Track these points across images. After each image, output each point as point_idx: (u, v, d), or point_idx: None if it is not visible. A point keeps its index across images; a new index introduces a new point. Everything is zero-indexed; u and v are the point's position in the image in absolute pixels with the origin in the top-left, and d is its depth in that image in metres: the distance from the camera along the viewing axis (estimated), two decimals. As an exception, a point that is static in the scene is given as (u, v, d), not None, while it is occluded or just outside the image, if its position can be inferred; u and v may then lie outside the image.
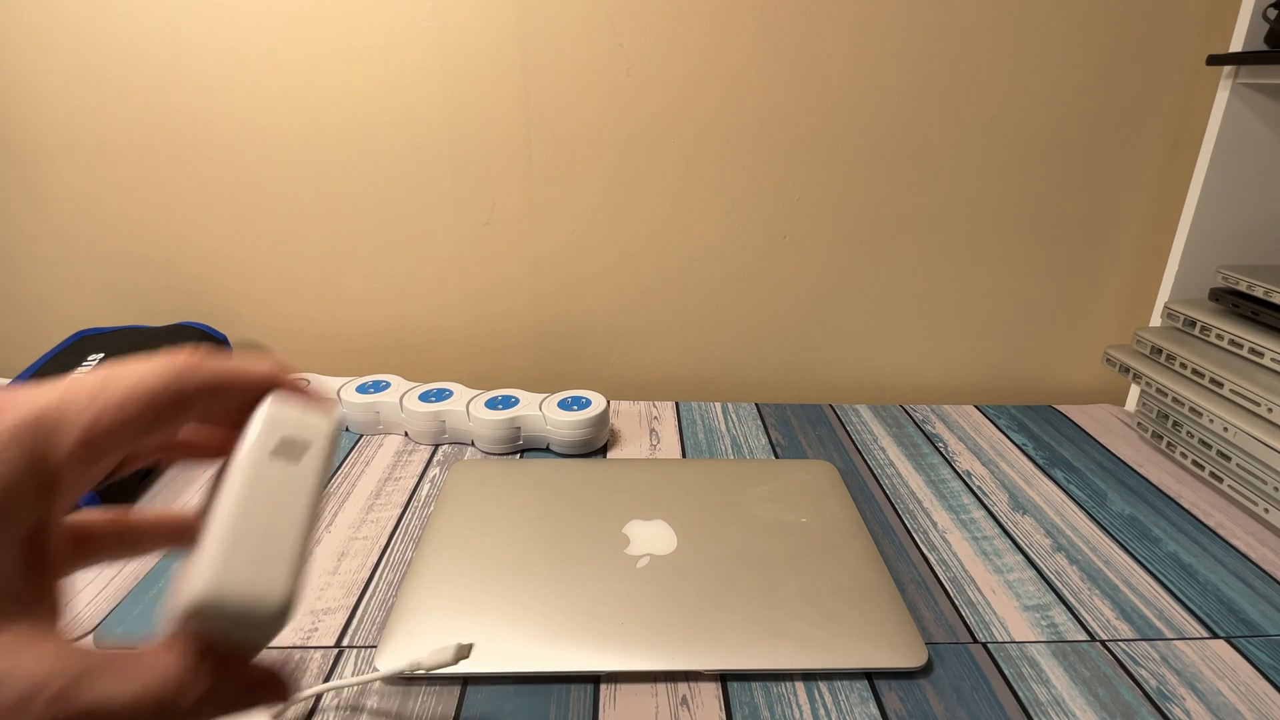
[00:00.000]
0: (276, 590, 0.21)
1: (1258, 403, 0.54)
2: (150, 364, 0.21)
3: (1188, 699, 0.40)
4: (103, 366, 0.21)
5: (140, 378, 0.21)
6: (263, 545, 0.21)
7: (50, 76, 0.66)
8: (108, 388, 0.20)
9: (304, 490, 0.23)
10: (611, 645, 0.41)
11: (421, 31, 0.65)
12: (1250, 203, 0.65)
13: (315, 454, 0.23)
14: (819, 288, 0.75)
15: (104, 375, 0.20)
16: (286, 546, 0.21)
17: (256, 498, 0.22)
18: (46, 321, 0.74)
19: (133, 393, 0.20)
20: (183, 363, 0.21)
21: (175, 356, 0.22)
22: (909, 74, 0.68)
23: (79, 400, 0.19)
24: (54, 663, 0.17)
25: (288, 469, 0.23)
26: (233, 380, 0.23)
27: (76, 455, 0.19)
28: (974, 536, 0.53)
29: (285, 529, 0.22)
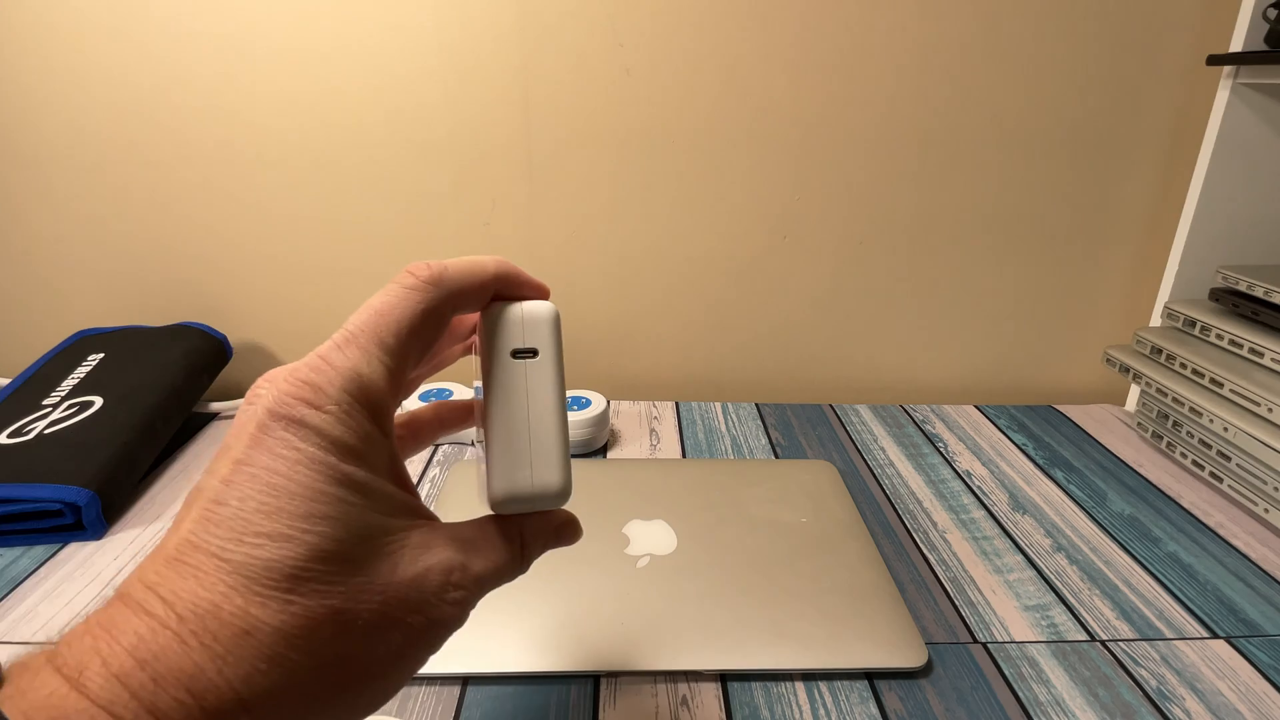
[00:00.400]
0: (553, 477, 0.25)
1: (1258, 403, 0.54)
2: (401, 290, 0.24)
3: (1188, 699, 0.40)
4: (362, 309, 0.23)
5: (404, 303, 0.23)
6: (531, 440, 0.25)
7: (51, 77, 0.66)
8: (381, 321, 0.23)
9: (549, 380, 0.26)
10: (611, 645, 0.41)
11: (421, 31, 0.65)
12: (1250, 203, 0.65)
13: (547, 344, 0.26)
14: (819, 288, 0.75)
15: (373, 314, 0.23)
16: (551, 435, 0.25)
17: (513, 400, 0.25)
18: (46, 321, 0.74)
19: (403, 321, 0.23)
20: (428, 278, 0.24)
21: (418, 276, 0.24)
22: (908, 74, 0.68)
23: (369, 343, 0.23)
24: (451, 551, 0.23)
25: (530, 365, 0.26)
26: (474, 282, 0.25)
27: (390, 395, 0.23)
28: (974, 536, 0.53)
29: (545, 419, 0.25)
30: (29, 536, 0.50)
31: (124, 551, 0.49)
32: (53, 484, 0.50)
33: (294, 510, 0.20)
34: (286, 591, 0.19)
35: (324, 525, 0.20)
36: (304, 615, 0.19)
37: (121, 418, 0.57)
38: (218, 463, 0.21)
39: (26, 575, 0.47)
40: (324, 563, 0.20)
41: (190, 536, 0.19)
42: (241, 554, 0.19)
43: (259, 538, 0.19)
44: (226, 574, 0.19)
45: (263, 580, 0.19)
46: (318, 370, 0.21)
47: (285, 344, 0.76)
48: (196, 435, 0.65)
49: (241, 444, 0.21)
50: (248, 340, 0.76)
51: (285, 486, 0.20)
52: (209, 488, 0.20)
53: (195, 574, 0.19)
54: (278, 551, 0.19)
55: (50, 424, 0.56)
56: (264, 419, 0.21)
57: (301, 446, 0.20)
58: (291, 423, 0.21)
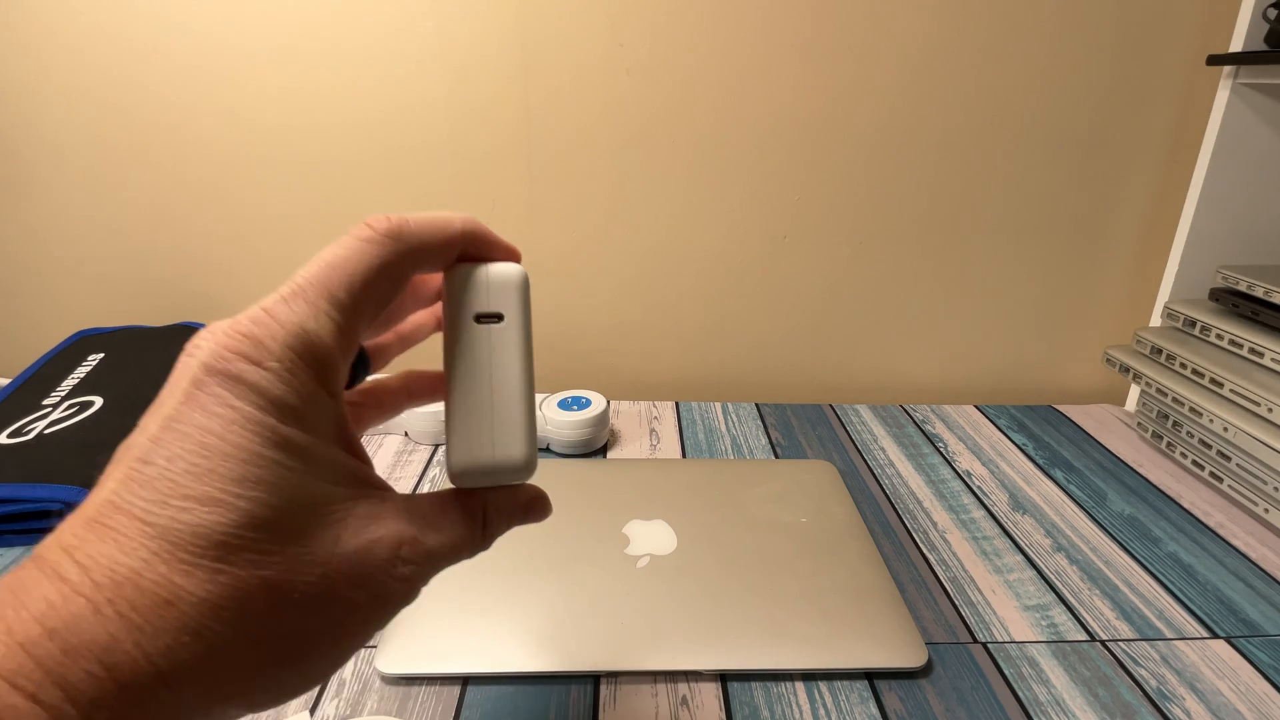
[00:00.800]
0: (516, 450, 0.24)
1: (1258, 403, 0.54)
2: (356, 243, 0.22)
3: (1188, 699, 0.40)
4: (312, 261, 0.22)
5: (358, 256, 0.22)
6: (494, 410, 0.24)
7: (51, 77, 0.66)
8: (332, 274, 0.21)
9: (515, 347, 0.24)
10: (611, 645, 0.41)
11: (421, 31, 0.65)
12: (1250, 203, 0.65)
13: (514, 309, 0.25)
14: (819, 288, 0.75)
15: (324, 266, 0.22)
16: (515, 405, 0.24)
17: (476, 366, 0.24)
18: (46, 321, 0.74)
19: (357, 275, 0.22)
20: (386, 230, 0.22)
21: (375, 229, 0.22)
22: (908, 74, 0.68)
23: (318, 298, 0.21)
24: (402, 523, 0.22)
25: (494, 330, 0.24)
26: (437, 238, 0.24)
27: (339, 353, 0.21)
28: (974, 536, 0.53)
29: (509, 388, 0.24)
30: (29, 536, 0.50)
31: (124, 551, 0.49)
32: (53, 484, 0.50)
33: (226, 473, 0.18)
34: (215, 560, 0.18)
35: (259, 490, 0.19)
36: (233, 586, 0.18)
37: (121, 418, 0.57)
38: (148, 419, 0.20)
39: (26, 575, 0.47)
40: (257, 530, 0.18)
41: (112, 497, 0.18)
42: (166, 517, 0.18)
43: (186, 500, 0.18)
44: (149, 538, 0.17)
45: (189, 547, 0.18)
46: (259, 323, 0.20)
47: (285, 344, 0.76)
48: (196, 435, 0.64)
49: (174, 400, 0.19)
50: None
51: (218, 447, 0.18)
52: (136, 445, 0.19)
53: (115, 537, 0.18)
54: (206, 517, 0.18)
55: (50, 424, 0.56)
56: (198, 374, 0.19)
57: (237, 405, 0.19)
58: (228, 379, 0.19)
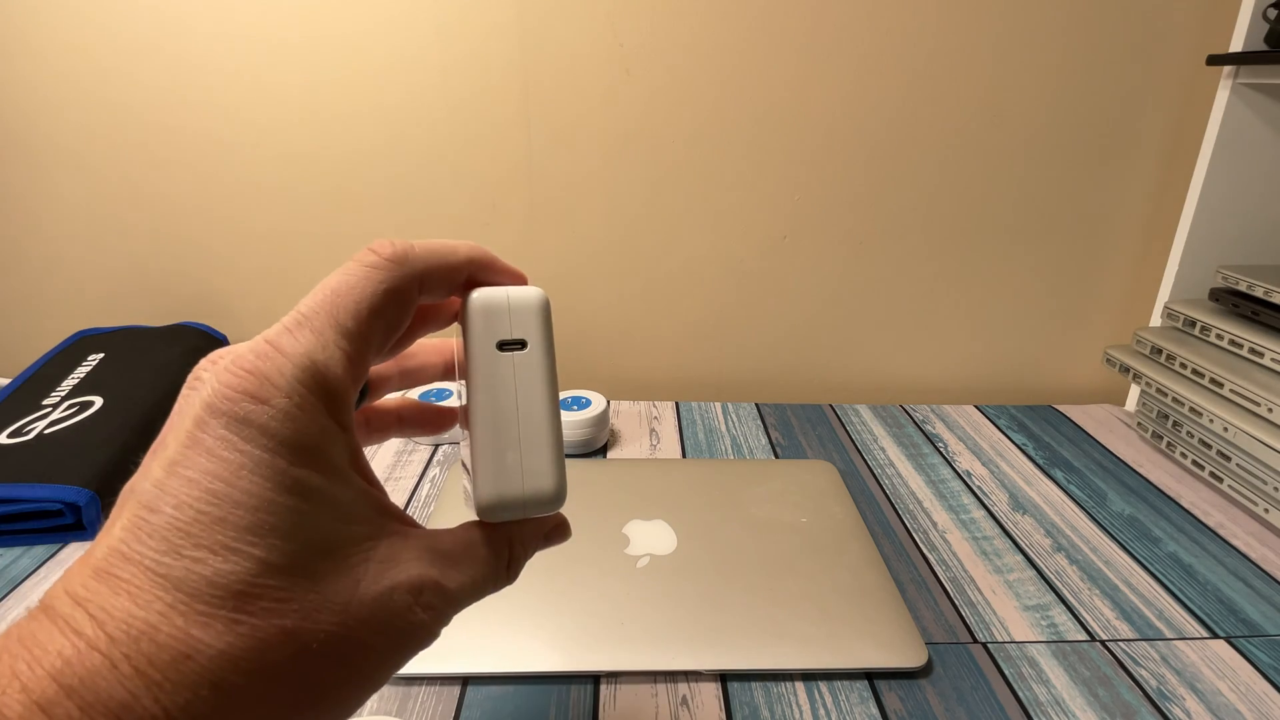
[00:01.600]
0: (546, 482, 0.23)
1: (1258, 403, 0.54)
2: (361, 269, 0.21)
3: (1188, 699, 0.40)
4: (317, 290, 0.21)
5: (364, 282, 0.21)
6: (521, 441, 0.23)
7: (51, 77, 0.66)
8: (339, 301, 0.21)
9: (539, 375, 0.24)
10: (611, 645, 0.41)
11: (420, 32, 0.65)
12: (1250, 203, 0.65)
13: (536, 335, 0.24)
14: (819, 288, 0.75)
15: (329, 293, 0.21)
16: (543, 435, 0.23)
17: (500, 396, 0.23)
18: (46, 321, 0.74)
19: (363, 302, 0.21)
20: (391, 255, 0.22)
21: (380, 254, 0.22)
22: (908, 75, 0.68)
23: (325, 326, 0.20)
24: (423, 565, 0.21)
25: (517, 358, 0.23)
26: (442, 263, 0.23)
27: (349, 383, 0.21)
28: (974, 536, 0.53)
29: (536, 417, 0.23)
30: (29, 536, 0.50)
31: (124, 551, 0.49)
32: (53, 484, 0.50)
33: (238, 521, 0.18)
34: (233, 610, 0.17)
35: (273, 537, 0.18)
36: (252, 636, 0.17)
37: (121, 418, 0.57)
38: (151, 461, 0.19)
39: (26, 575, 0.47)
40: (274, 578, 0.18)
41: (120, 546, 0.17)
42: (180, 569, 0.17)
43: (199, 550, 0.17)
44: (164, 590, 0.17)
45: (205, 598, 0.17)
46: (264, 357, 0.19)
47: (285, 344, 0.76)
48: (196, 435, 0.64)
49: (177, 442, 0.18)
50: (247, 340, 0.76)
51: (228, 494, 0.18)
52: (141, 491, 0.18)
53: (128, 589, 0.17)
54: (221, 566, 0.17)
55: (50, 424, 0.56)
56: (201, 414, 0.18)
57: (245, 448, 0.18)
58: (233, 420, 0.18)
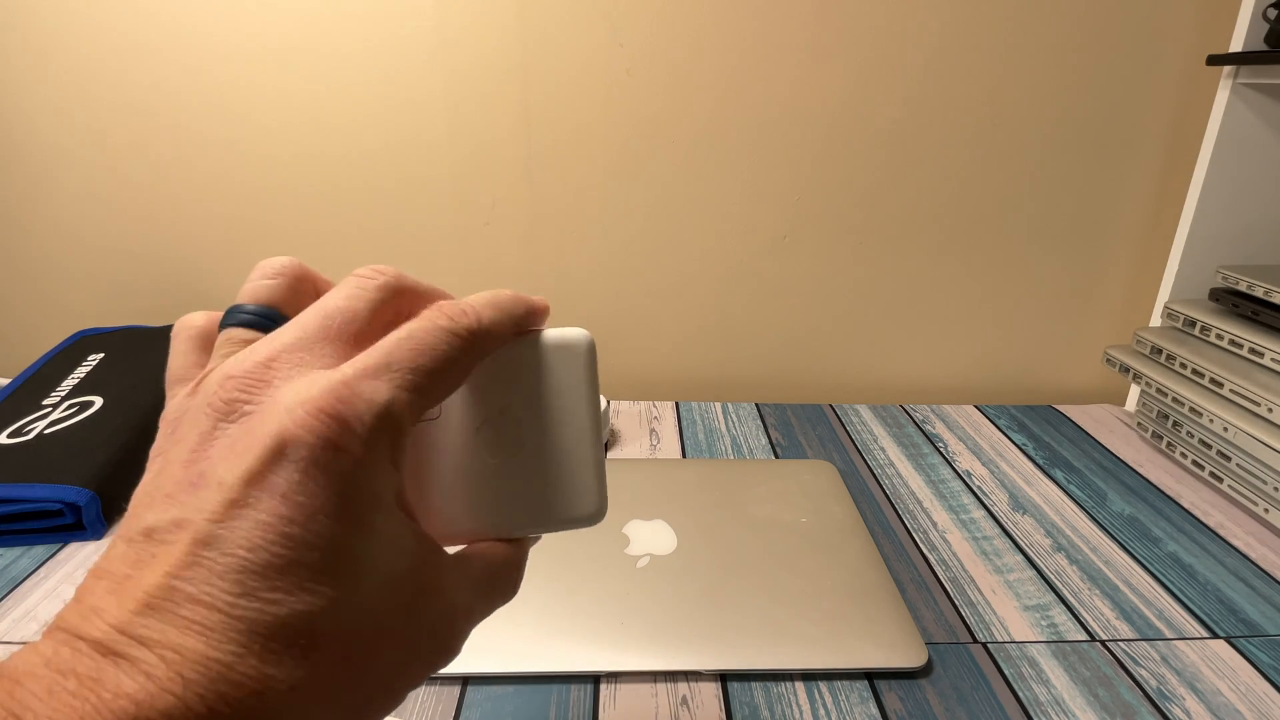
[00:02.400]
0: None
1: (1258, 403, 0.54)
2: (447, 336, 0.22)
3: (1188, 699, 0.40)
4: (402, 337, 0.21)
5: (447, 349, 0.21)
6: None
7: (51, 76, 0.66)
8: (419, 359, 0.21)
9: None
10: (611, 645, 0.41)
11: (421, 31, 0.65)
12: (1250, 203, 0.65)
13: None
14: (819, 288, 0.75)
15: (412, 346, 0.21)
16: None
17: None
18: (46, 321, 0.74)
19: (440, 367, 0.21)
20: (471, 330, 0.22)
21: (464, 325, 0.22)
22: (907, 75, 0.68)
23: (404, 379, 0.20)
24: (463, 593, 0.23)
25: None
26: (505, 337, 0.24)
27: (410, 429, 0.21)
28: (974, 536, 0.53)
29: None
30: (29, 536, 0.50)
31: (124, 551, 0.49)
32: (53, 484, 0.50)
33: (312, 564, 0.18)
34: (305, 648, 0.17)
35: (344, 579, 0.18)
36: (321, 669, 0.18)
37: (121, 418, 0.57)
38: (200, 496, 0.18)
39: (26, 575, 0.47)
40: (343, 617, 0.18)
41: (182, 586, 0.17)
42: (254, 610, 0.17)
43: (274, 592, 0.17)
44: (237, 631, 0.17)
45: (279, 637, 0.17)
46: (346, 402, 0.19)
47: (285, 344, 0.76)
48: (196, 435, 0.64)
49: (235, 477, 0.18)
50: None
51: (302, 538, 0.18)
52: (197, 528, 0.17)
53: (200, 631, 0.17)
54: (295, 608, 0.17)
55: (50, 424, 0.56)
56: (269, 454, 0.18)
57: (321, 493, 0.18)
58: (311, 465, 0.18)
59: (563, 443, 0.25)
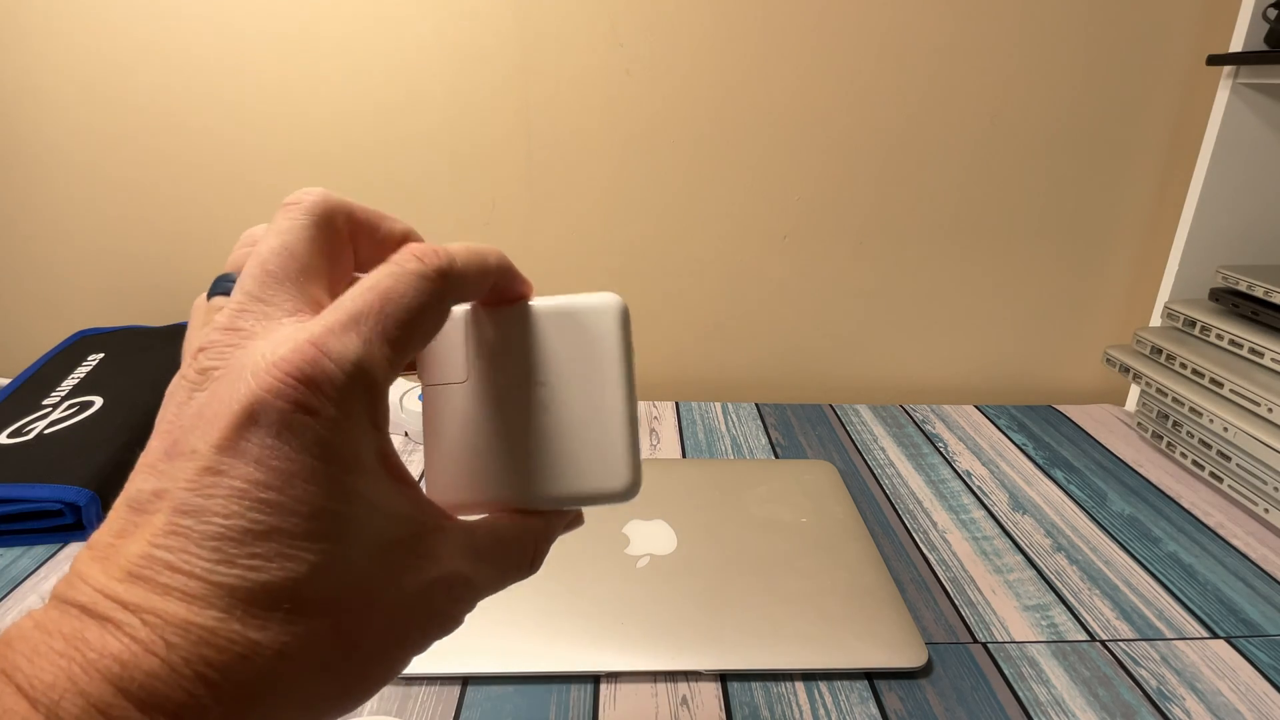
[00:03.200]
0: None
1: (1258, 403, 0.54)
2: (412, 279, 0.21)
3: (1188, 699, 0.40)
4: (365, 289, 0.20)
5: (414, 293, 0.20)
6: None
7: (52, 77, 0.66)
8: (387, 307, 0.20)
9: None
10: (611, 645, 0.41)
11: (421, 31, 0.65)
12: (1250, 203, 0.65)
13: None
14: (819, 288, 0.75)
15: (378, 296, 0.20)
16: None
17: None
18: (46, 321, 0.74)
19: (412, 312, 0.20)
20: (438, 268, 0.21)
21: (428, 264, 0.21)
22: (908, 75, 0.68)
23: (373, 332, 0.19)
24: (460, 562, 0.22)
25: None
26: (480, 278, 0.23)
27: (387, 385, 0.20)
28: (974, 536, 0.53)
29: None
30: (29, 536, 0.50)
31: (124, 551, 0.49)
32: (52, 484, 0.50)
33: (292, 529, 0.18)
34: (288, 613, 0.18)
35: (325, 543, 0.18)
36: (306, 635, 0.18)
37: (121, 418, 0.57)
38: (176, 465, 0.18)
39: (26, 575, 0.47)
40: (327, 582, 0.18)
41: (161, 554, 0.17)
42: (234, 576, 0.17)
43: (253, 559, 0.17)
44: (218, 597, 0.17)
45: (262, 603, 0.17)
46: (313, 363, 0.18)
47: (285, 344, 0.76)
48: (196, 435, 0.64)
49: (210, 445, 0.18)
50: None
51: (280, 503, 0.18)
52: (175, 497, 0.18)
53: (181, 597, 0.17)
54: (276, 574, 0.17)
55: (50, 424, 0.56)
56: (240, 419, 0.18)
57: (296, 457, 0.18)
58: (282, 429, 0.18)
59: (592, 412, 0.24)
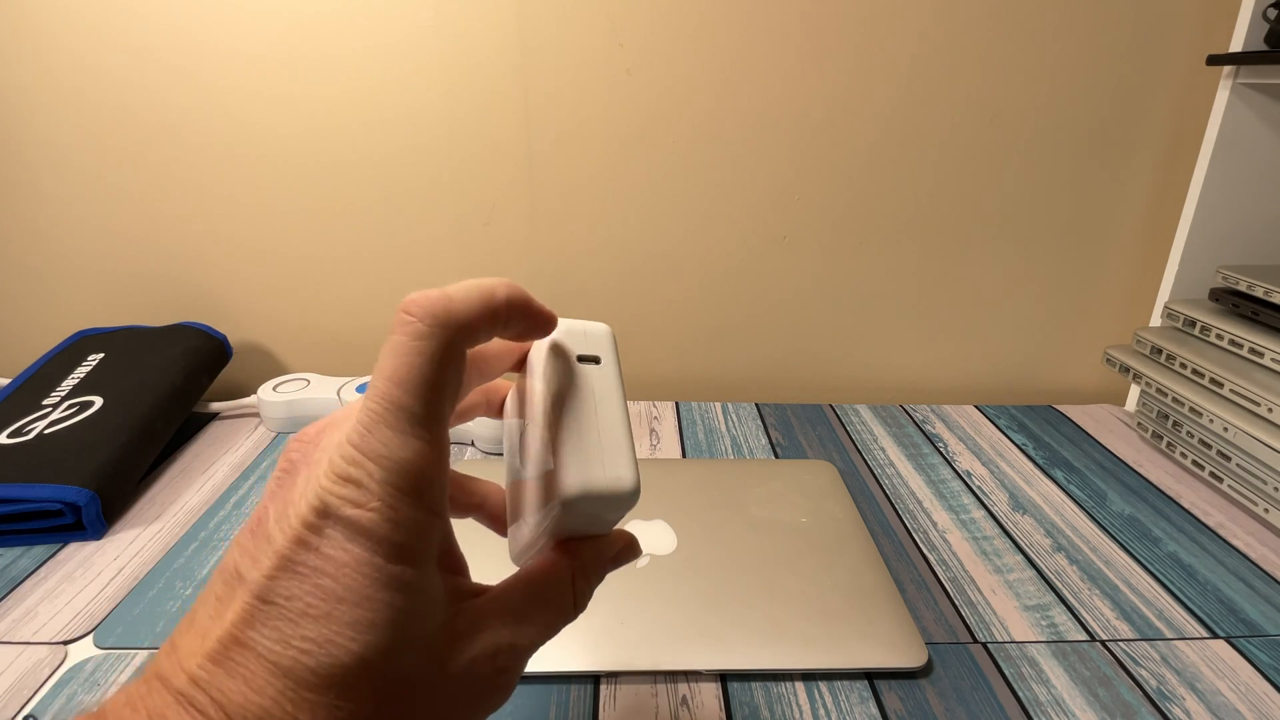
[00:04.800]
0: (627, 475, 0.24)
1: (1258, 403, 0.54)
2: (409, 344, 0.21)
3: (1188, 699, 0.40)
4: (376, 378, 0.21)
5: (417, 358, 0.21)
6: (604, 437, 0.25)
7: (51, 77, 0.66)
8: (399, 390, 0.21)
9: (614, 384, 0.26)
10: (611, 645, 0.41)
11: (421, 31, 0.65)
12: (1250, 203, 0.65)
13: (608, 354, 0.26)
14: (819, 288, 0.75)
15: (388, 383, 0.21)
16: (620, 434, 0.25)
17: (584, 398, 0.25)
18: (46, 321, 0.74)
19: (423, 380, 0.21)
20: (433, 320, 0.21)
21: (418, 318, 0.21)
22: (908, 74, 0.68)
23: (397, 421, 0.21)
24: (499, 629, 0.23)
25: (594, 370, 0.26)
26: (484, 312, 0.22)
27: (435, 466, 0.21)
28: (974, 536, 0.53)
29: (613, 419, 0.25)
30: (29, 536, 0.50)
31: (124, 551, 0.49)
32: (53, 484, 0.50)
33: (341, 616, 0.19)
34: (335, 697, 0.19)
35: (371, 633, 0.19)
36: (353, 717, 0.19)
37: (121, 418, 0.57)
38: (259, 549, 0.20)
39: (26, 575, 0.47)
40: (371, 669, 0.19)
41: (236, 633, 0.19)
42: (289, 658, 0.19)
43: (306, 642, 0.19)
44: (275, 677, 0.19)
45: (311, 685, 0.19)
46: (355, 464, 0.20)
47: (285, 344, 0.76)
48: (196, 435, 0.65)
49: (285, 537, 0.20)
50: (248, 340, 0.76)
51: (333, 590, 0.19)
52: (252, 580, 0.20)
53: (244, 675, 0.19)
54: (325, 658, 0.19)
55: (50, 424, 0.56)
56: (309, 516, 0.20)
57: (349, 548, 0.20)
58: (339, 522, 0.20)
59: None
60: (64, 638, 0.42)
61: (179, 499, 0.55)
